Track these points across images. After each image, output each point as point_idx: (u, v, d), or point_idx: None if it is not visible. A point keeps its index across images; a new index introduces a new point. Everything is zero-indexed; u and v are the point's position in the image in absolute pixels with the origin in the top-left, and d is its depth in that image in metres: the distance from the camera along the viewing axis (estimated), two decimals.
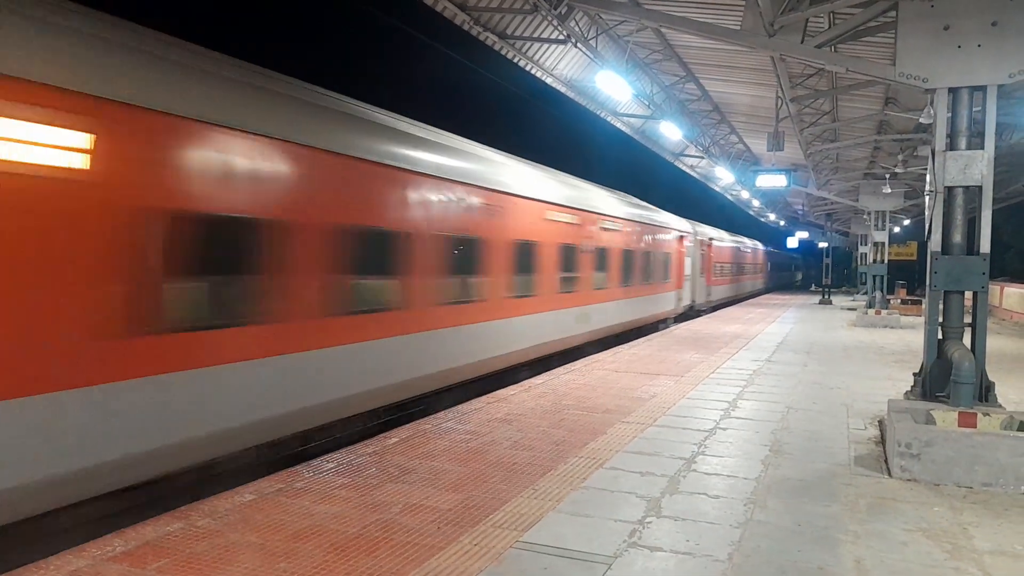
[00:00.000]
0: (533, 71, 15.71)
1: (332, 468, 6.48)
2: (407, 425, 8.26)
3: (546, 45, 15.00)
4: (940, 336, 7.76)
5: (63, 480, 5.25)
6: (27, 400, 4.95)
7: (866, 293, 28.89)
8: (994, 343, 13.52)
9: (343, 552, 4.67)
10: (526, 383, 11.05)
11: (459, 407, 9.22)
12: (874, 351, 16.13)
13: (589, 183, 17.92)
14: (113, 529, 5.14)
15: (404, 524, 5.17)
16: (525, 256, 12.80)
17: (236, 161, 6.77)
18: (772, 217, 56.43)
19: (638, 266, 20.02)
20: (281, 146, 7.28)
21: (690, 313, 27.49)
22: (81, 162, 5.33)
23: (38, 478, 5.08)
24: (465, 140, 11.80)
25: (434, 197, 9.89)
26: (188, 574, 4.31)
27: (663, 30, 14.38)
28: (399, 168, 9.11)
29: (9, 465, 4.88)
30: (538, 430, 8.00)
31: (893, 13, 8.07)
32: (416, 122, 10.44)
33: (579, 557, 4.64)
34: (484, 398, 9.83)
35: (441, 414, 8.81)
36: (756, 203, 45.30)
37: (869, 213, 28.16)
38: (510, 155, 13.71)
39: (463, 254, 10.62)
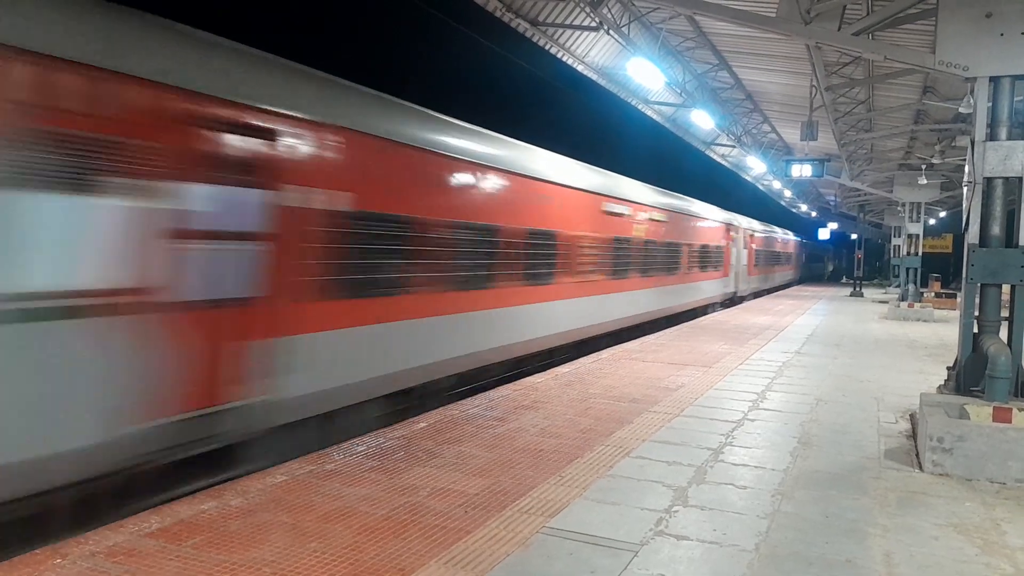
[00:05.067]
0: (564, 58, 15.64)
1: (362, 451, 6.57)
2: (435, 411, 8.34)
3: (578, 32, 14.91)
4: (975, 330, 7.63)
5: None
6: None
7: (899, 286, 28.42)
8: None
9: (372, 534, 4.75)
10: (553, 371, 11.08)
11: (486, 394, 9.27)
12: (906, 344, 15.89)
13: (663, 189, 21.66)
14: (149, 506, 5.28)
15: (432, 507, 5.24)
16: (666, 252, 19.67)
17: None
18: (804, 208, 55.66)
19: (697, 257, 23.30)
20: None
21: (734, 299, 29.11)
22: None
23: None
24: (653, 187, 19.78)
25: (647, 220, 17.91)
26: (222, 551, 4.42)
27: (696, 17, 14.21)
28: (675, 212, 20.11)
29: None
30: (565, 418, 8.02)
31: None
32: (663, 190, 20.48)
33: (605, 544, 4.66)
34: (511, 385, 9.87)
35: (468, 400, 8.87)
36: (788, 193, 44.74)
37: (904, 204, 27.63)
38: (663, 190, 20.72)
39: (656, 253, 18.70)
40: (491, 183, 10.62)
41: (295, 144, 6.92)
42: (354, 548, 4.51)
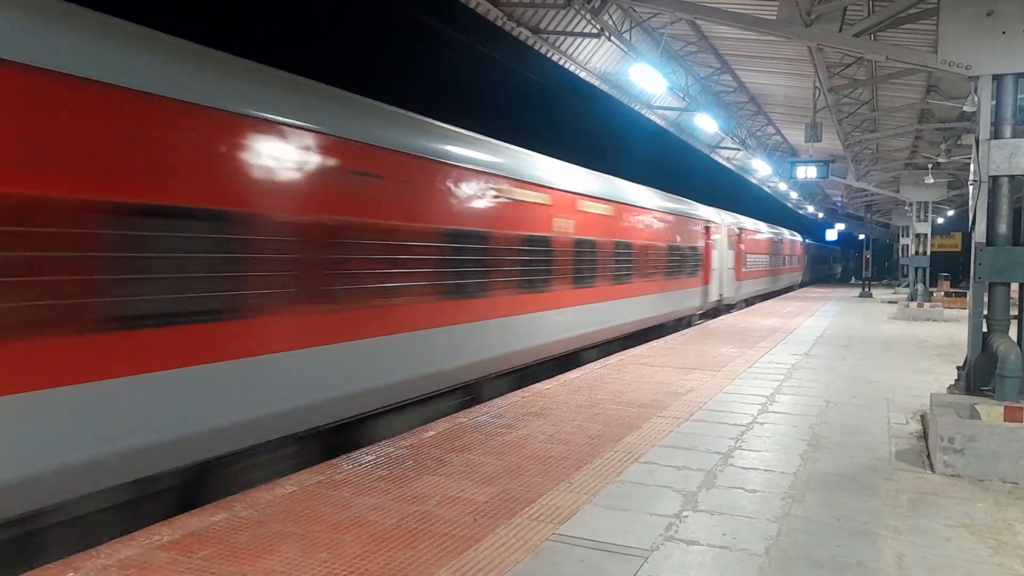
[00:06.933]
0: (567, 65, 15.68)
1: (371, 460, 6.58)
2: (443, 419, 8.35)
3: (579, 39, 14.96)
4: (985, 329, 7.59)
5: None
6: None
7: (908, 286, 28.30)
8: None
9: (382, 543, 4.75)
10: (561, 377, 11.08)
11: (494, 401, 9.28)
12: (916, 344, 15.83)
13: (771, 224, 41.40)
14: (160, 519, 5.30)
15: (441, 516, 5.24)
16: (785, 258, 42.15)
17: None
18: (810, 209, 55.56)
19: (791, 260, 43.20)
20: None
21: (800, 284, 49.16)
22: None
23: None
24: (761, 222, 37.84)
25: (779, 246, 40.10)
26: (232, 563, 4.43)
27: (698, 21, 14.24)
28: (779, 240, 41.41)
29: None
30: (573, 424, 8.02)
31: None
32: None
33: (615, 550, 4.66)
34: (519, 392, 9.87)
35: (476, 408, 8.88)
36: (794, 195, 44.67)
37: (911, 204, 27.57)
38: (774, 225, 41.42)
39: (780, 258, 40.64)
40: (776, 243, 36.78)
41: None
42: (364, 558, 4.52)
